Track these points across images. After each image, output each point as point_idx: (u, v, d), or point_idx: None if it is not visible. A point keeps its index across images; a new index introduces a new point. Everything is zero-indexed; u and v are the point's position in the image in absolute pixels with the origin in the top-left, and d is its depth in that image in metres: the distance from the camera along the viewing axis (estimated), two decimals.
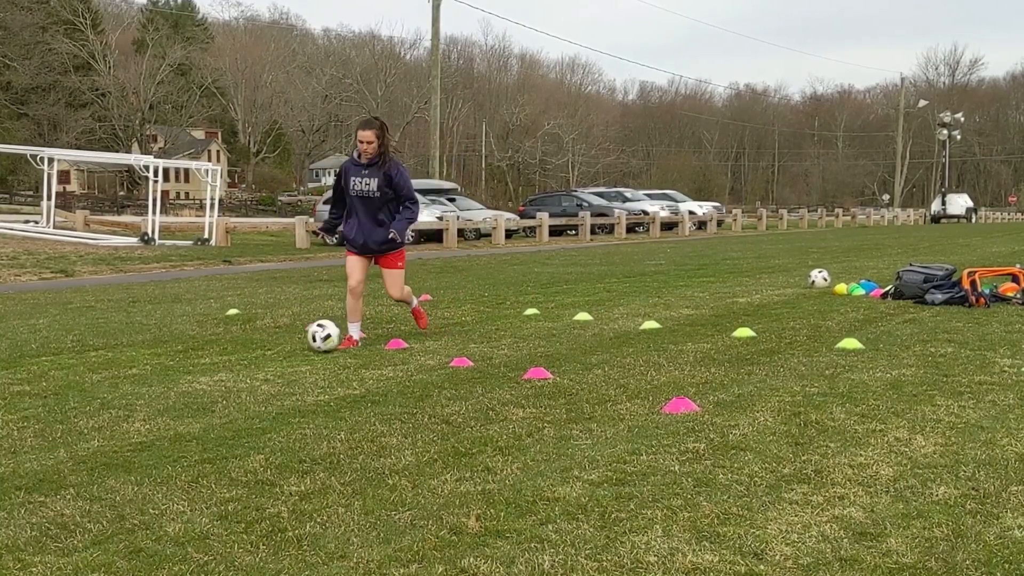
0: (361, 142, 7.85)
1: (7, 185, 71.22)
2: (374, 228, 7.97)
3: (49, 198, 31.64)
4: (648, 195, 50.37)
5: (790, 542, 3.29)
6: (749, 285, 13.11)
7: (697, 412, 5.21)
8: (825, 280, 12.40)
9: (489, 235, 34.04)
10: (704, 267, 17.23)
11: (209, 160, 73.47)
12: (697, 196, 70.66)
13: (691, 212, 46.33)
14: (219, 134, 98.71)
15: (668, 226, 43.19)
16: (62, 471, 4.37)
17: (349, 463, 4.39)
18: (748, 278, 14.39)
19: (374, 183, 7.87)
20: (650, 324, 8.90)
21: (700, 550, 3.23)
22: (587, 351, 7.51)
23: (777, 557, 3.16)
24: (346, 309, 8.21)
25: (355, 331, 8.08)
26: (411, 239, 30.99)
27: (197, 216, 45.86)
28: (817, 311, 9.75)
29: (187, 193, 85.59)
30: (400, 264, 8.19)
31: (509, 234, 34.79)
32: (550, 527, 3.48)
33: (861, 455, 4.31)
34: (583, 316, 9.59)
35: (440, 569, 3.13)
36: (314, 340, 7.69)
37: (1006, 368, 6.35)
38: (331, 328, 7.78)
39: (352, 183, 7.95)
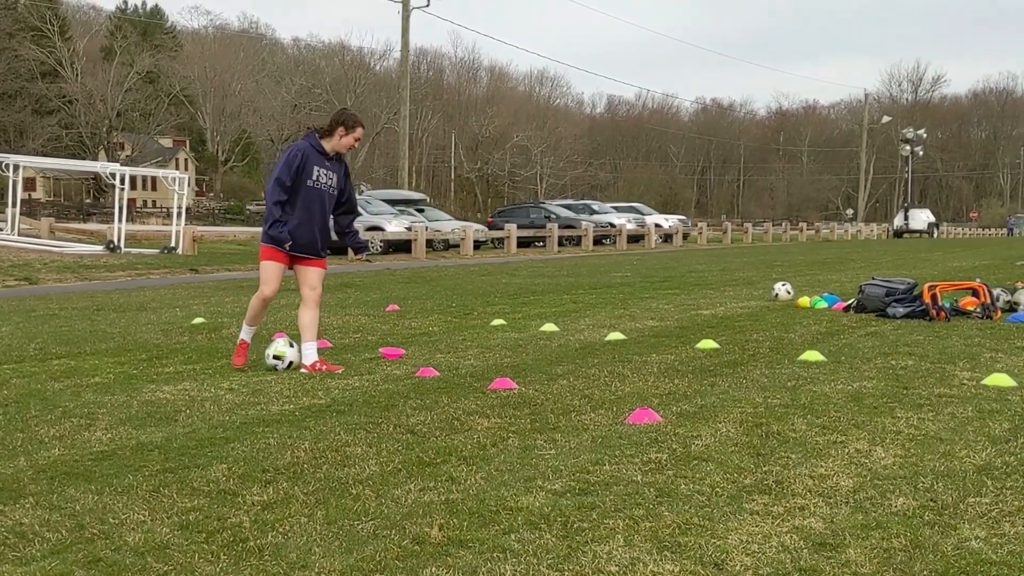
0: (359, 140, 7.18)
1: None
2: (325, 228, 7.27)
3: (14, 205, 31.34)
4: (615, 208, 50.68)
5: (750, 552, 3.32)
6: (713, 297, 13.20)
7: (660, 423, 5.24)
8: (788, 293, 12.51)
9: (457, 246, 34.05)
10: (669, 279, 17.32)
11: (177, 168, 72.96)
12: (663, 209, 71.00)
13: (657, 225, 46.67)
14: (187, 142, 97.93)
15: (634, 238, 43.45)
16: (22, 480, 4.32)
17: (312, 473, 4.37)
18: (713, 291, 14.48)
19: (334, 179, 7.22)
20: (615, 335, 8.94)
21: (661, 560, 3.25)
22: (552, 362, 7.53)
23: (737, 567, 3.19)
24: (248, 312, 7.48)
25: (248, 335, 7.48)
26: (378, 248, 30.95)
27: (164, 224, 45.55)
28: (780, 323, 9.84)
29: (154, 201, 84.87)
30: (325, 263, 7.53)
31: (477, 245, 34.84)
32: (513, 537, 3.49)
33: (821, 466, 4.35)
34: (549, 327, 9.61)
35: None
36: (286, 366, 7.25)
37: (965, 381, 6.44)
38: (290, 355, 7.29)
39: (316, 172, 7.10)
